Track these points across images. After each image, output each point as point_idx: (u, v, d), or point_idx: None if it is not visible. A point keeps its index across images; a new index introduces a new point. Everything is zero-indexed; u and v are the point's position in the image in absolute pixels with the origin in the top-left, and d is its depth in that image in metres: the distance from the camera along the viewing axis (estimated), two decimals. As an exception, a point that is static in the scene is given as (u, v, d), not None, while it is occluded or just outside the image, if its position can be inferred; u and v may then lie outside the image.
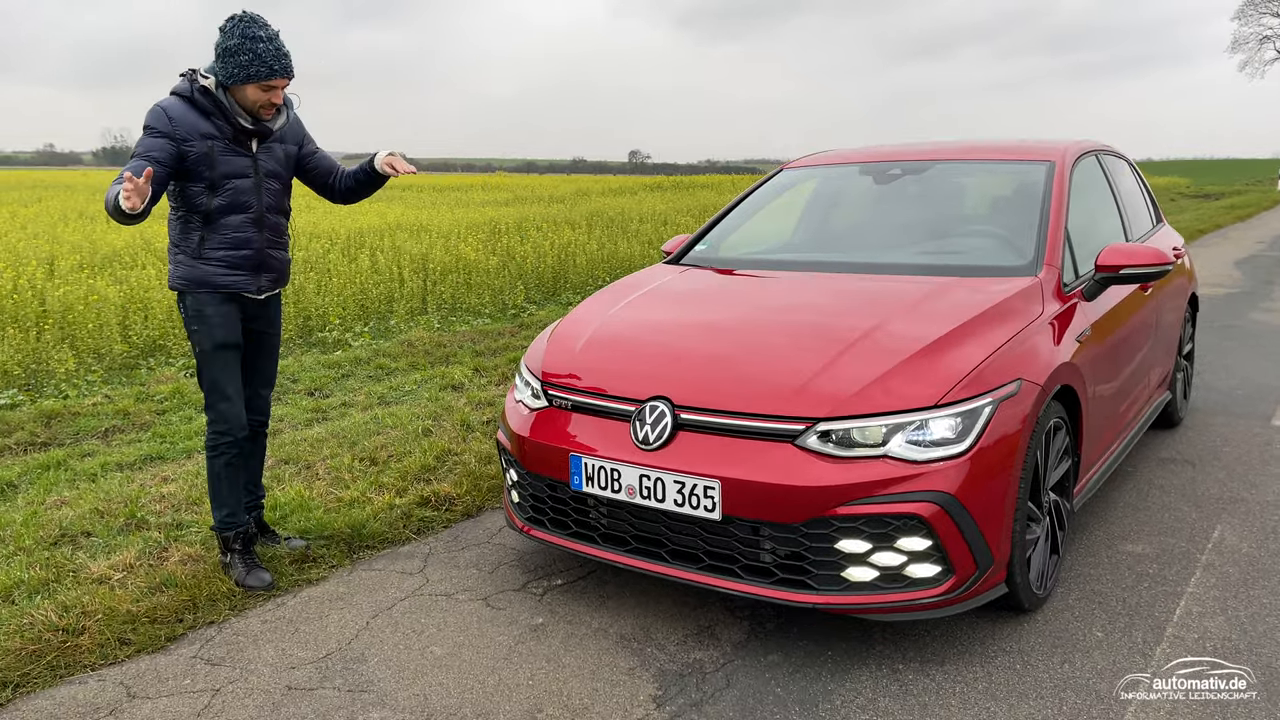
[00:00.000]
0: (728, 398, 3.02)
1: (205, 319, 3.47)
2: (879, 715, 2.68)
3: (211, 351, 3.49)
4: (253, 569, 3.55)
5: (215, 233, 3.45)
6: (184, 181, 3.41)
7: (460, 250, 12.63)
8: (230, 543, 3.59)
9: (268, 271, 3.59)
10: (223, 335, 3.49)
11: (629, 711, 2.72)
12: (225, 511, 3.58)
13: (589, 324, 3.66)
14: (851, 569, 2.82)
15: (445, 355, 8.13)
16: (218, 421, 3.53)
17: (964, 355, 3.02)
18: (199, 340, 3.49)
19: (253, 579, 3.51)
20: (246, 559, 3.58)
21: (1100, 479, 3.88)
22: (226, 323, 3.50)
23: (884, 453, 2.81)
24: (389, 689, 2.85)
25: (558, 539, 3.34)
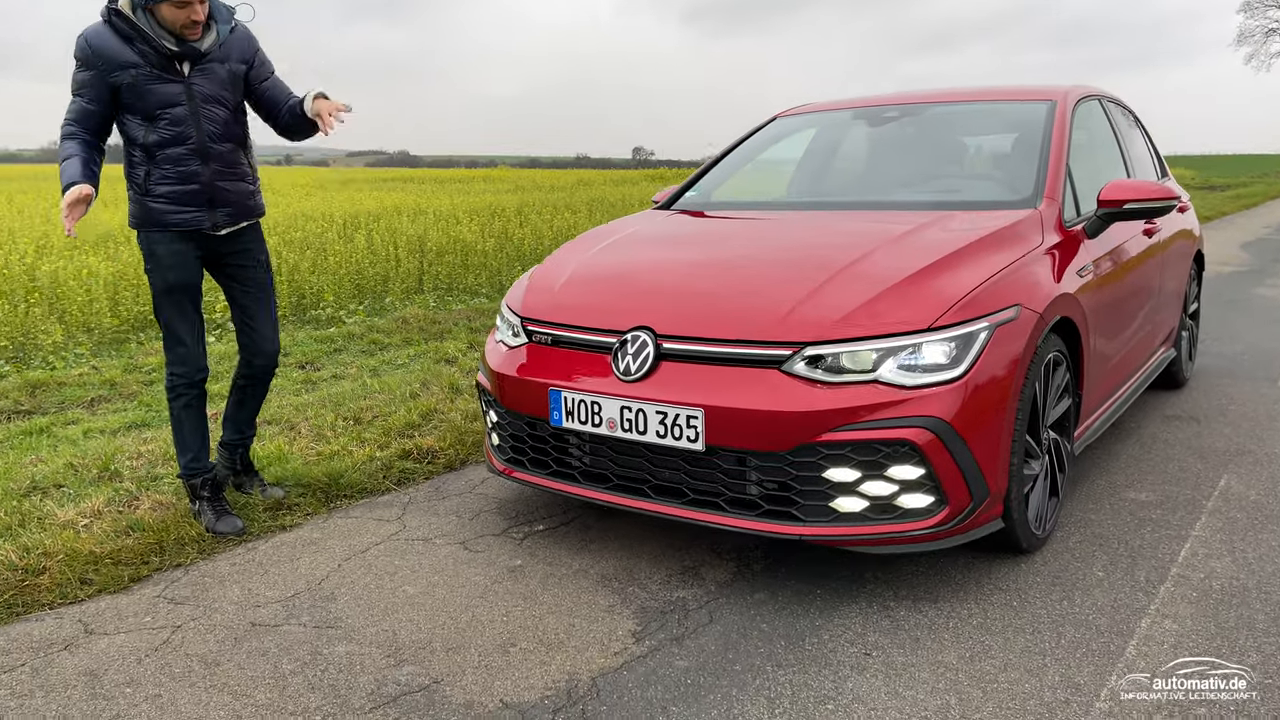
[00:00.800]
0: (712, 325, 2.90)
1: (156, 259, 3.30)
2: (868, 649, 2.55)
3: (164, 293, 3.33)
4: (223, 515, 3.43)
5: (158, 167, 3.23)
6: (121, 114, 3.22)
7: (458, 232, 12.54)
8: (198, 490, 3.47)
9: (222, 206, 3.34)
10: (174, 277, 3.30)
11: (606, 645, 2.59)
12: (189, 456, 3.45)
13: (570, 263, 3.54)
14: (840, 499, 2.70)
15: (440, 331, 8.02)
16: (174, 364, 3.39)
17: (958, 280, 2.89)
18: (152, 280, 3.33)
19: (223, 525, 3.39)
20: (216, 505, 3.46)
21: (1102, 426, 3.75)
22: (179, 263, 3.30)
23: (874, 378, 2.68)
24: (356, 625, 2.73)
25: (538, 479, 3.22)
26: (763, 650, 2.56)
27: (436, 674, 2.47)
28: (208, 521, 3.41)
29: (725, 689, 2.37)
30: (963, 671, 2.43)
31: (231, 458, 3.67)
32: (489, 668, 2.49)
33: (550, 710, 2.30)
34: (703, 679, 2.42)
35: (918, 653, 2.53)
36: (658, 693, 2.36)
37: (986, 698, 2.31)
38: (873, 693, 2.34)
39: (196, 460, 3.46)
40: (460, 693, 2.38)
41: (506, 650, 2.58)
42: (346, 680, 2.44)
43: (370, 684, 2.42)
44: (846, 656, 2.52)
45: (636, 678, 2.43)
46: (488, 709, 2.31)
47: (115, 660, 2.56)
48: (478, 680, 2.44)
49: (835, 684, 2.39)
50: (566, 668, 2.49)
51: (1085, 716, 2.23)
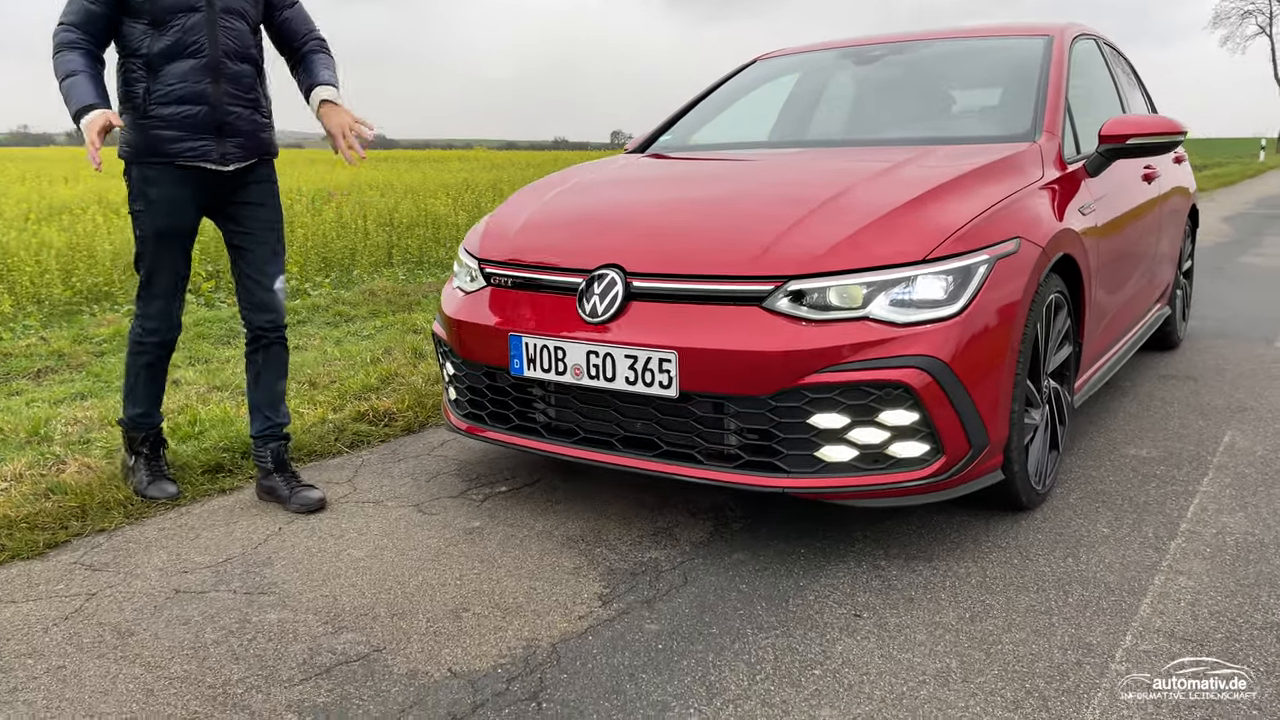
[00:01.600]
0: (686, 261, 2.64)
1: (148, 201, 2.87)
2: (858, 610, 2.31)
3: (152, 239, 2.91)
4: (157, 478, 3.13)
5: (162, 83, 2.79)
6: (124, 17, 2.80)
7: (429, 205, 12.24)
8: (136, 444, 3.12)
9: (233, 136, 2.89)
10: (166, 222, 2.89)
11: (569, 609, 2.34)
12: (139, 410, 3.09)
13: (532, 203, 3.27)
14: (827, 448, 2.45)
15: (408, 303, 7.73)
16: (146, 318, 2.99)
17: (954, 211, 2.64)
18: (139, 223, 2.90)
19: (155, 489, 3.09)
20: (153, 465, 3.15)
21: (1101, 379, 3.53)
22: (174, 208, 2.88)
23: (864, 315, 2.43)
24: (293, 591, 2.46)
25: (498, 434, 2.96)
26: (742, 612, 2.31)
27: (378, 642, 2.21)
28: (138, 482, 3.10)
29: (700, 654, 2.13)
30: (963, 632, 2.20)
31: (262, 453, 3.10)
32: (437, 634, 2.24)
33: (504, 679, 2.05)
34: (675, 644, 2.18)
35: (913, 613, 2.29)
36: (625, 659, 2.12)
37: (990, 660, 2.08)
38: (864, 656, 2.11)
39: (147, 416, 3.12)
40: (403, 661, 2.12)
41: (458, 616, 2.32)
42: (276, 649, 2.18)
43: (302, 653, 2.16)
44: (835, 618, 2.28)
45: (602, 643, 2.18)
46: (433, 679, 2.05)
47: (19, 630, 2.29)
48: (424, 648, 2.18)
49: (823, 647, 2.15)
50: (524, 634, 2.23)
51: (1101, 678, 2.00)
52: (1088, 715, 1.87)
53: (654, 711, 1.92)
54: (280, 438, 3.12)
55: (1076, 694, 1.95)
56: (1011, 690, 1.96)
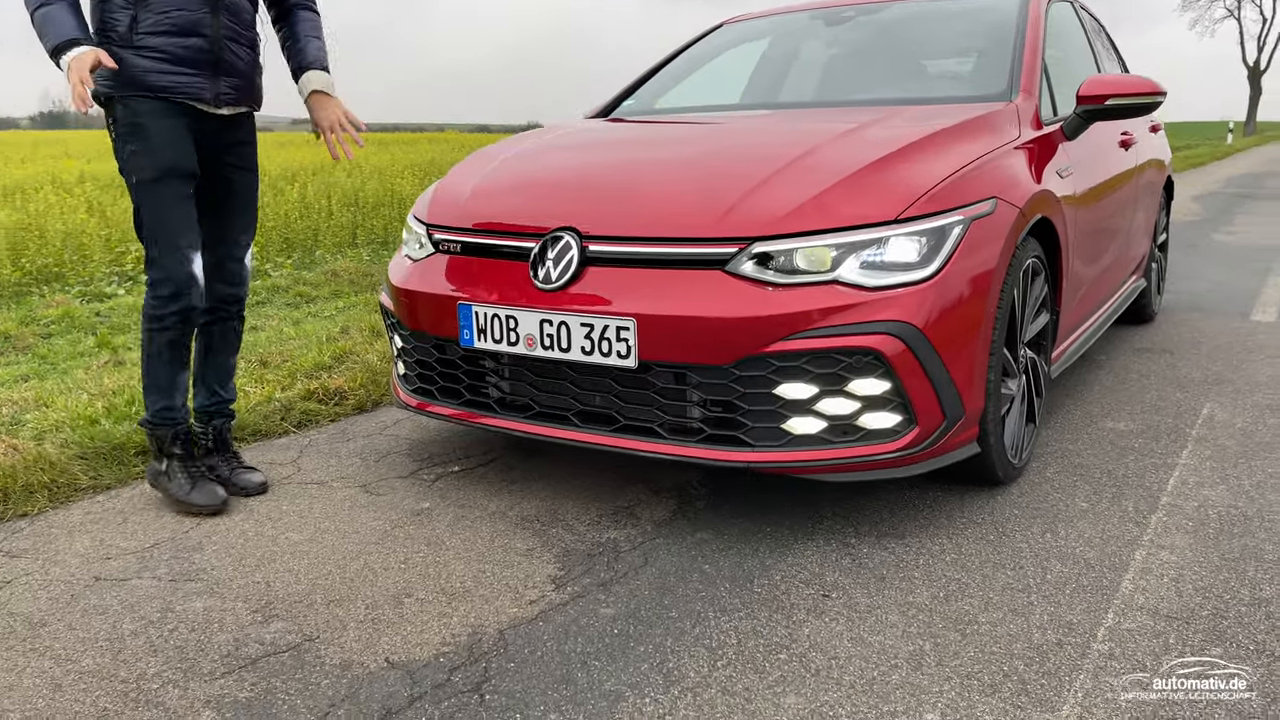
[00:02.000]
0: (646, 223, 2.49)
1: (143, 133, 2.51)
2: (826, 590, 2.18)
3: (155, 182, 2.53)
4: (199, 481, 2.70)
5: (151, 11, 2.50)
6: None
7: (396, 185, 11.99)
8: (166, 444, 2.69)
9: (226, 75, 2.61)
10: (170, 157, 2.53)
11: (520, 593, 2.19)
12: (161, 403, 2.68)
13: (485, 166, 3.10)
14: (794, 420, 2.31)
15: (372, 284, 7.52)
16: (162, 283, 2.57)
17: (929, 169, 2.50)
18: (135, 165, 2.54)
19: (200, 495, 2.66)
20: (190, 467, 2.71)
21: (1078, 351, 3.42)
22: (175, 140, 2.54)
23: (833, 278, 2.29)
24: (222, 578, 2.29)
25: (449, 410, 2.79)
26: (704, 594, 2.17)
27: (311, 630, 2.05)
28: (177, 489, 2.67)
29: (658, 639, 1.99)
30: (937, 613, 2.07)
31: (203, 429, 2.89)
32: (376, 622, 2.08)
33: (445, 669, 1.89)
34: (632, 628, 2.03)
35: (884, 593, 2.16)
36: (577, 645, 1.97)
37: (966, 641, 1.95)
38: (832, 639, 1.97)
39: (170, 409, 2.69)
40: (337, 652, 1.96)
41: (400, 602, 2.17)
42: (198, 640, 2.01)
43: (227, 644, 1.99)
44: (801, 599, 2.14)
45: (553, 629, 2.04)
46: (368, 670, 1.90)
47: (-80, 623, 2.11)
48: (360, 637, 2.02)
49: (788, 630, 2.01)
50: (470, 620, 2.08)
51: (1082, 659, 1.88)
52: (1069, 698, 1.75)
53: (606, 702, 1.78)
54: (225, 414, 2.92)
55: (1057, 676, 1.82)
56: (988, 673, 1.84)
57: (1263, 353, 4.33)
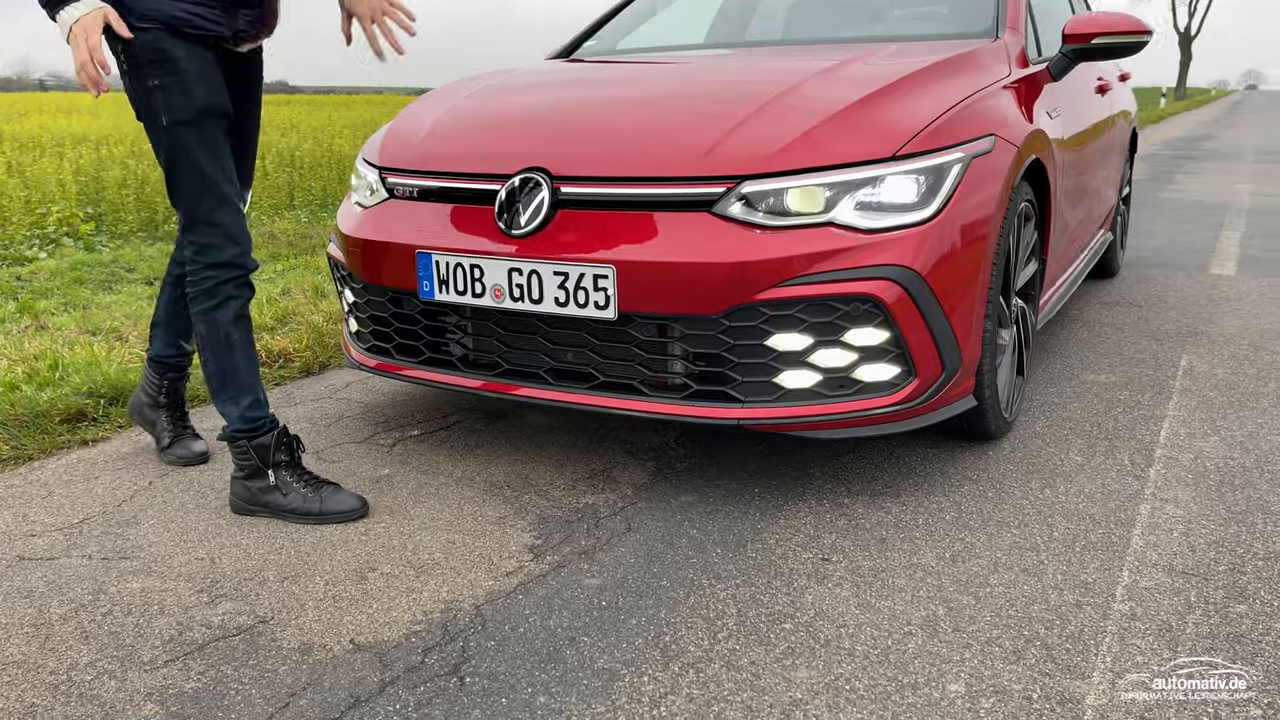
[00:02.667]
0: (622, 162, 2.29)
1: (171, 64, 2.07)
2: (825, 553, 2.04)
3: (191, 124, 2.10)
4: (322, 486, 2.26)
5: None
6: None
7: (334, 145, 11.56)
8: (271, 453, 2.23)
9: (245, 7, 2.19)
10: (206, 94, 2.12)
11: (495, 565, 2.01)
12: (248, 400, 2.25)
13: (443, 105, 2.86)
14: (787, 373, 2.16)
15: (311, 246, 7.20)
16: (218, 247, 2.16)
17: (924, 105, 2.35)
18: (167, 104, 2.08)
19: (335, 501, 2.23)
20: (304, 474, 2.28)
21: (1060, 300, 3.32)
22: (208, 72, 2.13)
23: (828, 220, 2.13)
24: (162, 554, 2.07)
25: (407, 369, 2.58)
26: (695, 561, 2.02)
27: (264, 611, 1.84)
28: (301, 502, 2.20)
29: (650, 610, 1.83)
30: (945, 575, 1.94)
31: (159, 383, 2.60)
32: (337, 600, 1.88)
33: (419, 650, 1.71)
34: (621, 599, 1.87)
35: (887, 555, 2.03)
36: (563, 619, 1.80)
37: (980, 605, 1.83)
38: (839, 606, 1.83)
39: (261, 405, 2.27)
40: (295, 634, 1.77)
41: (363, 577, 1.97)
42: (136, 625, 1.80)
43: (169, 628, 1.79)
44: (800, 564, 2.00)
45: (535, 602, 1.86)
46: (332, 653, 1.70)
47: None
48: (320, 616, 1.82)
49: (790, 597, 1.86)
50: (442, 595, 1.90)
51: (1104, 620, 1.76)
52: (1097, 664, 1.63)
53: (600, 681, 1.61)
54: (180, 369, 2.64)
55: (1082, 639, 1.70)
56: (1009, 638, 1.71)
57: (1228, 305, 4.30)
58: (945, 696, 1.55)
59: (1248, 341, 3.67)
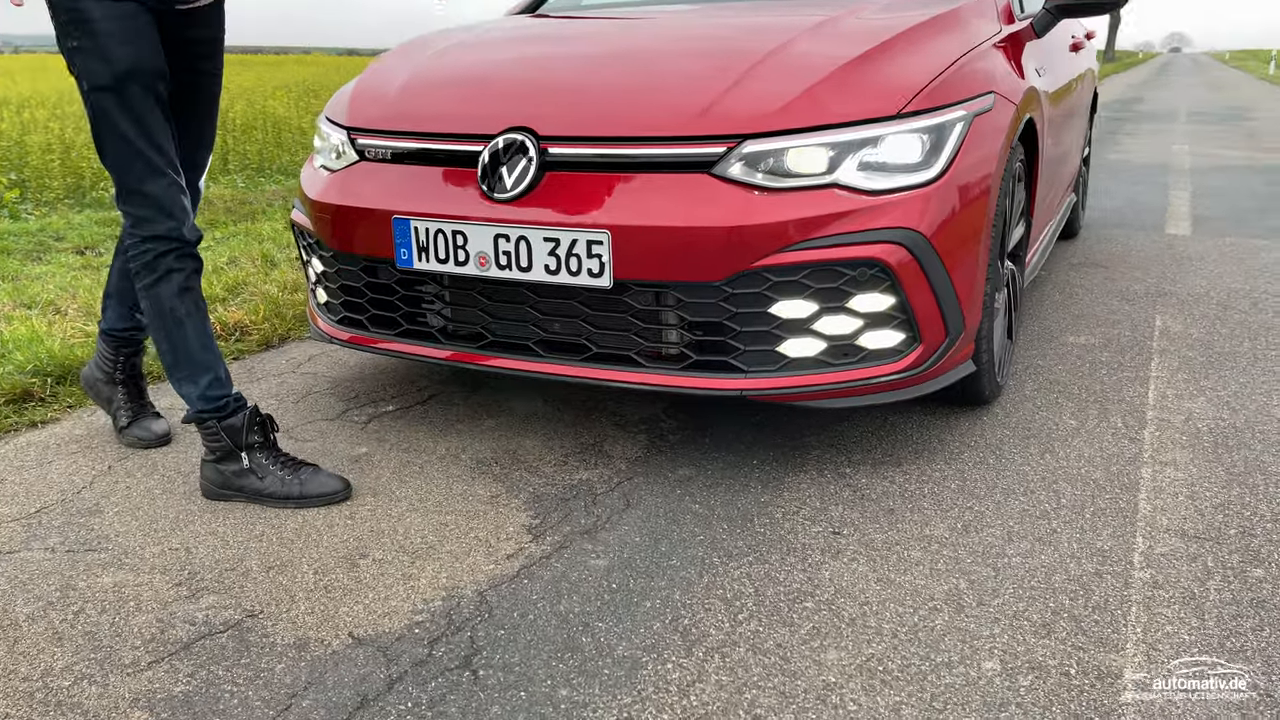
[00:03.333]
0: (614, 121, 2.18)
1: (90, 29, 1.92)
2: (835, 526, 1.98)
3: (112, 88, 1.95)
4: (301, 468, 2.13)
5: None
6: None
7: (268, 106, 11.14)
8: (242, 432, 2.11)
9: None
10: (129, 57, 1.94)
11: (493, 547, 1.91)
12: (206, 379, 2.11)
13: (409, 64, 2.71)
14: (790, 341, 2.08)
15: (250, 213, 6.93)
16: (151, 219, 2.02)
17: (922, 62, 2.27)
18: (84, 68, 1.96)
19: (316, 483, 2.10)
20: (279, 455, 2.15)
21: (1039, 263, 3.30)
22: (135, 34, 1.96)
23: (832, 181, 2.04)
24: (132, 545, 1.93)
25: (385, 342, 2.45)
26: (702, 538, 1.94)
27: (251, 604, 1.72)
28: (279, 485, 2.08)
29: (664, 592, 1.75)
30: (961, 547, 1.90)
31: (114, 358, 2.44)
32: (330, 590, 1.77)
33: (424, 642, 1.61)
34: (632, 581, 1.79)
35: (898, 527, 1.98)
36: (574, 604, 1.71)
37: (1001, 576, 1.78)
38: (857, 581, 1.77)
39: (222, 383, 2.13)
40: (288, 628, 1.65)
41: (354, 564, 1.86)
42: (113, 624, 1.67)
43: (149, 626, 1.66)
44: (811, 538, 1.94)
45: (542, 587, 1.77)
46: (331, 648, 1.60)
47: None
48: (314, 608, 1.71)
49: (807, 574, 1.80)
50: (441, 581, 1.80)
51: (1127, 589, 1.74)
52: (1129, 635, 1.60)
53: (622, 671, 1.54)
54: (135, 344, 2.46)
55: (1108, 610, 1.67)
56: (1036, 611, 1.67)
57: (1190, 265, 4.34)
58: (982, 675, 1.50)
59: (1215, 301, 3.70)
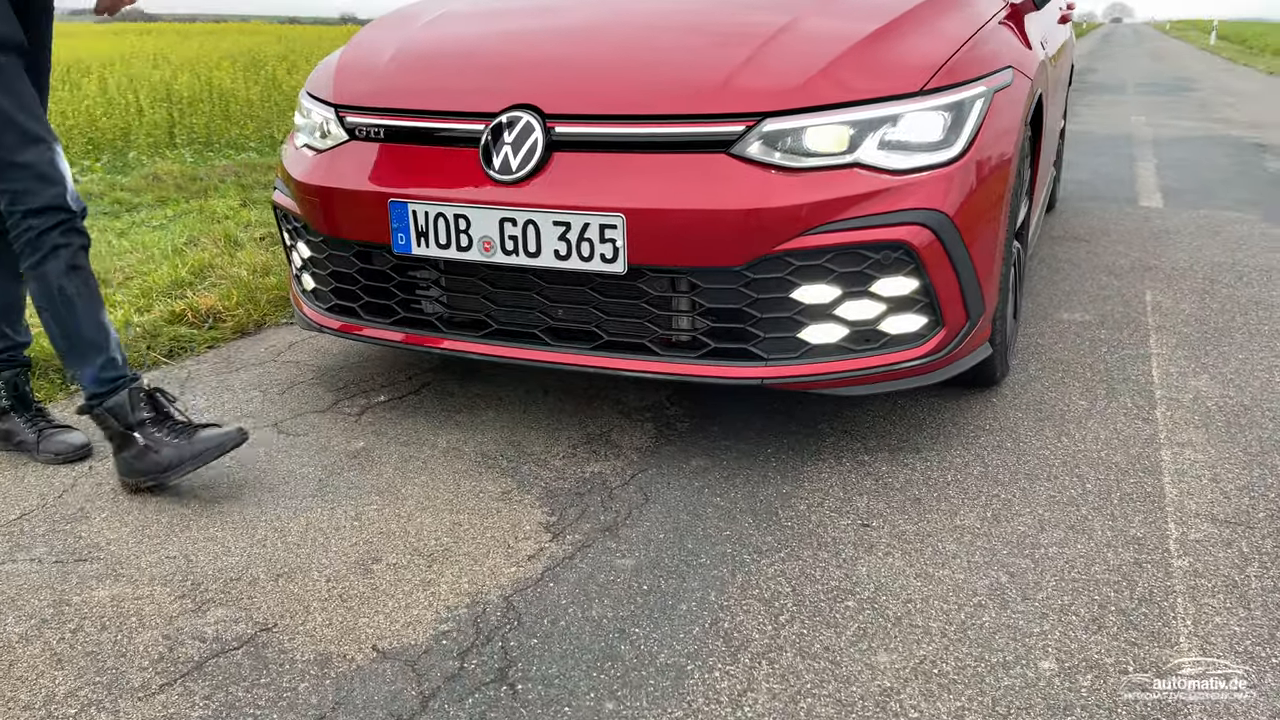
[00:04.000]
0: (625, 98, 2.08)
1: None
2: (864, 518, 1.93)
3: None
4: (194, 434, 2.04)
5: None
6: None
7: (214, 78, 10.76)
8: (130, 410, 2.01)
9: None
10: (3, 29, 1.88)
11: (512, 548, 1.83)
12: (100, 359, 2.00)
13: (398, 36, 2.57)
14: (812, 327, 2.01)
15: (202, 189, 6.68)
16: (33, 192, 1.91)
17: (938, 37, 2.20)
18: None
19: (204, 438, 2.02)
20: (174, 428, 2.05)
21: (1034, 239, 3.27)
22: None
23: (853, 160, 1.97)
24: (125, 554, 1.81)
25: (380, 331, 2.34)
26: (729, 534, 1.88)
27: (264, 617, 1.62)
28: (178, 455, 1.99)
29: (698, 593, 1.68)
30: (994, 537, 1.85)
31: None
32: (345, 599, 1.68)
33: (454, 654, 1.53)
34: (663, 582, 1.72)
35: (927, 518, 1.93)
36: (606, 609, 1.64)
37: (1041, 568, 1.75)
38: (896, 578, 1.72)
39: (115, 363, 2.02)
40: (306, 643, 1.56)
41: (368, 570, 1.76)
42: (115, 642, 1.55)
43: (156, 644, 1.55)
44: (841, 531, 1.88)
45: (569, 590, 1.69)
46: (355, 664, 1.51)
47: None
48: (331, 620, 1.62)
49: (843, 570, 1.75)
50: (463, 586, 1.71)
51: (1169, 579, 1.71)
52: (1180, 628, 1.58)
53: (668, 680, 1.47)
54: (19, 363, 2.27)
55: (1154, 602, 1.64)
56: (1083, 606, 1.64)
57: (1169, 238, 4.36)
58: (1041, 676, 1.46)
59: (1201, 275, 3.71)
